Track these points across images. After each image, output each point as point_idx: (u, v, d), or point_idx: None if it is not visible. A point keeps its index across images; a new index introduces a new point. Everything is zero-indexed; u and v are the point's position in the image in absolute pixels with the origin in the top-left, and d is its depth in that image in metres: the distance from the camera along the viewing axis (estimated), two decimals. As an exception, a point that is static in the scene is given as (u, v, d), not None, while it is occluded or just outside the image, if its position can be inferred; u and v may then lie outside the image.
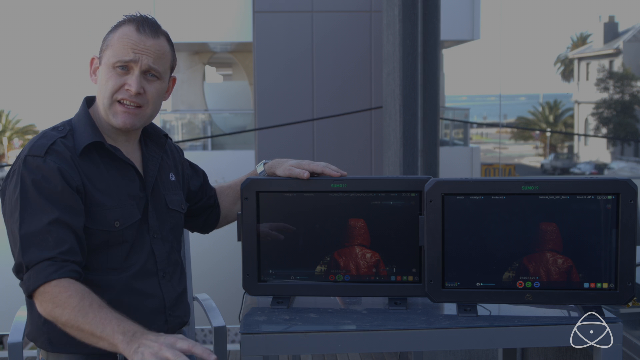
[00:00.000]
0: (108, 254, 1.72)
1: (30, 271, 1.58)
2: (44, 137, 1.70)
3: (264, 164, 1.98)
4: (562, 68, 45.54)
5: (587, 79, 36.56)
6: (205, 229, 2.12)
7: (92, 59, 1.78)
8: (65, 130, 1.74)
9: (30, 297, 1.61)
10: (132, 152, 1.83)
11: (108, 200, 1.71)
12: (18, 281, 1.66)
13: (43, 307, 1.57)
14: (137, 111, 1.76)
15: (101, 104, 1.76)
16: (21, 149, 1.75)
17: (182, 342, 1.41)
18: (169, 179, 1.90)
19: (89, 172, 1.70)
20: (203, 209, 2.07)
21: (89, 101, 1.84)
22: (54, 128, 1.75)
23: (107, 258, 1.72)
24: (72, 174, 1.66)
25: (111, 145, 1.76)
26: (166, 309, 1.85)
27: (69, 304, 1.53)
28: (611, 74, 34.08)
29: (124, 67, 1.72)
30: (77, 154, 1.69)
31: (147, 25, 1.75)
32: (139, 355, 1.39)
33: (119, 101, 1.74)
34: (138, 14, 1.77)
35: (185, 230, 2.42)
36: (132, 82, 1.72)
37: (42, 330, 1.71)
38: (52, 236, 1.60)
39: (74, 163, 1.67)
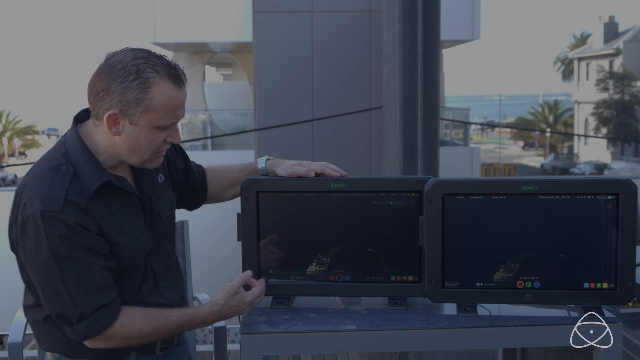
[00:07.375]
0: (123, 283, 1.75)
1: (86, 321, 1.64)
2: (53, 187, 1.61)
3: (267, 160, 1.97)
4: (562, 68, 45.50)
5: (587, 79, 36.53)
6: (190, 207, 2.11)
7: (112, 115, 1.63)
8: (70, 171, 1.65)
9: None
10: (126, 171, 1.79)
11: (124, 239, 1.71)
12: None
13: (111, 343, 1.69)
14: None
15: (136, 157, 1.70)
16: (22, 190, 1.64)
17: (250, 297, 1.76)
18: (158, 183, 1.86)
19: (102, 214, 1.67)
20: (188, 191, 2.04)
21: (78, 119, 1.75)
22: (56, 169, 1.65)
23: (123, 287, 1.75)
24: (91, 224, 1.64)
25: (115, 177, 1.72)
26: None
27: (142, 333, 1.70)
28: (611, 74, 34.05)
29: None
30: (88, 198, 1.65)
31: (180, 76, 1.67)
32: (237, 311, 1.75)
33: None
34: (165, 60, 1.67)
35: (185, 230, 2.42)
36: (177, 134, 1.73)
37: (62, 345, 1.76)
38: (99, 284, 1.64)
39: (89, 210, 1.64)
